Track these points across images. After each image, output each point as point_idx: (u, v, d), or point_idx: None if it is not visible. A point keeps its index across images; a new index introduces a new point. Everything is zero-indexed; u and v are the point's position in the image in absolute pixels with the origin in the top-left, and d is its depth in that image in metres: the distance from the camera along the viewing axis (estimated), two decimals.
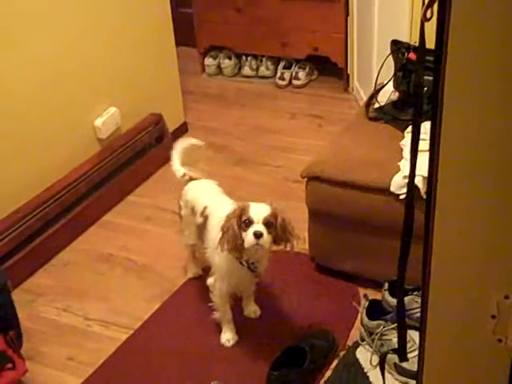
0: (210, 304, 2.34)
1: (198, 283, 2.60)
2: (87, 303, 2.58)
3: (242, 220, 2.02)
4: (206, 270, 2.48)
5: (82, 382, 2.23)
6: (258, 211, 2.03)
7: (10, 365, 2.14)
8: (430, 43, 1.07)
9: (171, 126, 3.66)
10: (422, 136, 1.25)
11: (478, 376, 1.18)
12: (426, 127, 1.14)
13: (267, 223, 2.02)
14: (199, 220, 2.31)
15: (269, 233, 2.02)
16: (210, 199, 2.33)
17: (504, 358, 1.11)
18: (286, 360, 2.12)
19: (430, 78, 1.06)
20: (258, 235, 1.99)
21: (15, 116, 2.69)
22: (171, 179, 2.64)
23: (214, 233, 2.18)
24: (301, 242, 2.41)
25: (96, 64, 3.09)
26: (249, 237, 2.00)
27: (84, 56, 3.01)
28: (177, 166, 2.51)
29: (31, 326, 2.46)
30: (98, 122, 3.13)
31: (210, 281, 2.34)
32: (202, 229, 2.29)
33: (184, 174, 2.47)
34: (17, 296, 2.49)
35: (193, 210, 2.37)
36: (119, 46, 3.23)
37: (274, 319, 2.42)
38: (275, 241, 2.07)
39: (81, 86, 3.01)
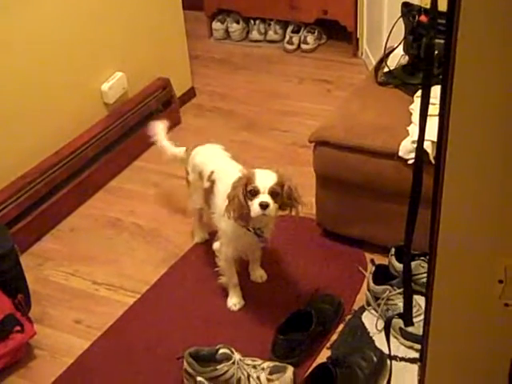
0: (217, 269, 2.35)
1: (205, 248, 2.60)
2: (95, 267, 2.60)
3: (248, 189, 2.02)
4: (213, 235, 2.49)
5: (90, 344, 2.25)
6: (264, 180, 2.02)
7: (18, 328, 2.17)
8: (442, 5, 1.05)
9: (178, 90, 3.63)
10: (431, 100, 1.22)
11: (484, 340, 1.18)
12: (435, 91, 1.12)
13: (273, 192, 2.02)
14: (206, 184, 2.30)
15: (275, 202, 2.02)
16: (217, 164, 2.32)
17: (510, 322, 1.11)
18: (293, 324, 2.13)
19: (441, 41, 1.04)
20: (264, 206, 1.99)
21: (21, 82, 2.67)
22: (179, 145, 2.64)
23: (220, 198, 2.18)
24: (308, 208, 2.41)
25: (102, 28, 3.06)
26: (255, 207, 2.00)
27: (89, 20, 2.98)
28: (173, 148, 2.55)
29: (39, 290, 2.48)
30: (105, 87, 3.11)
31: (216, 245, 2.36)
32: (208, 193, 2.29)
33: (186, 149, 2.47)
34: (25, 260, 2.51)
35: (200, 175, 2.36)
36: (125, 10, 3.19)
37: (281, 284, 2.43)
38: (281, 207, 2.07)
39: (87, 51, 2.99)
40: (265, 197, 2.00)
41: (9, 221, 2.61)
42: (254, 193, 2.01)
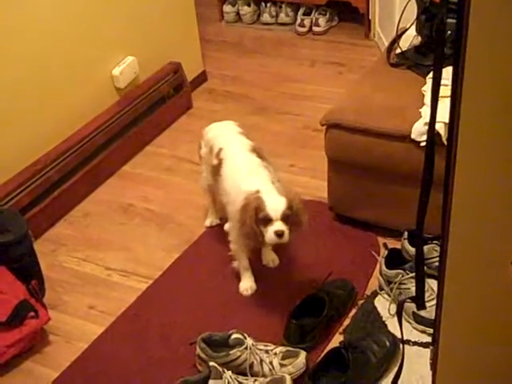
0: (230, 253, 2.34)
1: (217, 233, 2.60)
2: (107, 253, 2.60)
3: (260, 217, 2.00)
4: (224, 220, 2.49)
5: (104, 330, 2.26)
6: (275, 206, 2.00)
7: (32, 313, 2.18)
8: None
9: (190, 74, 3.62)
10: (443, 81, 1.20)
11: (497, 322, 1.17)
12: (448, 72, 1.10)
13: (284, 217, 2.00)
14: (214, 161, 2.31)
15: (287, 225, 2.00)
16: (227, 142, 2.33)
17: None
18: (305, 309, 2.13)
19: (454, 20, 1.02)
20: (280, 235, 1.99)
21: (32, 67, 2.67)
22: (190, 129, 2.63)
23: (226, 184, 2.20)
24: (319, 193, 2.40)
25: (113, 12, 3.05)
26: (269, 235, 2.00)
27: (100, 4, 2.96)
28: None
29: (53, 276, 2.49)
30: (116, 71, 3.10)
31: (226, 226, 2.40)
32: (216, 172, 2.30)
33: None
34: (38, 246, 2.53)
35: (211, 150, 2.37)
36: None
37: (293, 268, 2.43)
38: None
39: (97, 35, 2.98)
40: (279, 225, 1.99)
41: (22, 207, 2.62)
42: (267, 221, 2.00)
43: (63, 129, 2.86)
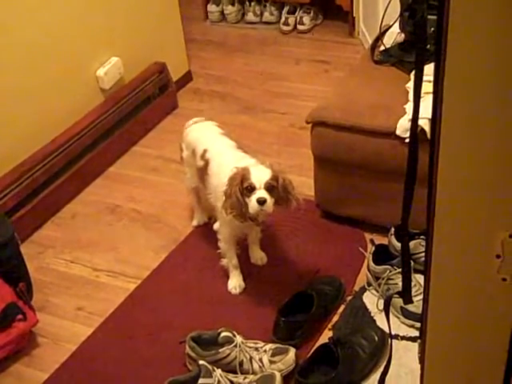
0: (218, 251, 2.35)
1: (205, 231, 2.60)
2: (95, 254, 2.60)
3: (244, 186, 2.03)
4: (212, 219, 2.50)
5: (93, 331, 2.26)
6: (260, 176, 2.03)
7: (20, 316, 2.17)
8: None
9: (175, 74, 3.62)
10: (427, 78, 1.21)
11: (483, 315, 1.18)
12: (431, 69, 1.11)
13: (269, 187, 2.03)
14: (200, 163, 2.31)
15: (271, 196, 2.03)
16: (211, 142, 2.33)
17: (509, 297, 1.10)
18: (294, 306, 2.14)
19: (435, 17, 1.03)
20: (261, 202, 2.01)
21: (16, 69, 2.66)
22: (177, 129, 2.62)
23: (215, 179, 2.20)
24: (306, 190, 2.41)
25: (96, 13, 3.04)
26: (252, 203, 2.02)
27: (84, 4, 2.95)
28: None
29: (41, 278, 2.48)
30: (101, 72, 3.09)
31: (216, 226, 2.42)
32: (203, 173, 2.30)
33: None
34: (25, 248, 2.51)
35: (193, 152, 2.37)
36: None
37: (281, 266, 2.43)
38: (276, 201, 2.07)
39: (81, 36, 2.97)
40: (262, 192, 2.01)
41: (8, 209, 2.61)
42: (251, 189, 2.02)
43: (49, 130, 2.84)
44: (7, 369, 2.16)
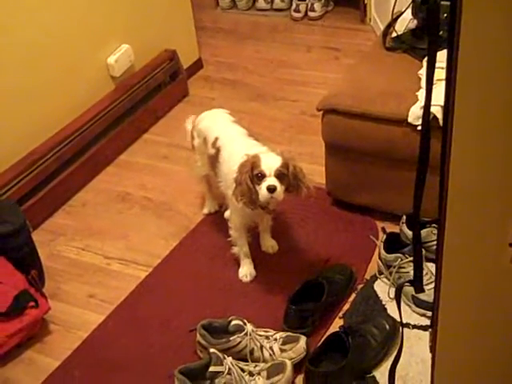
0: (229, 239, 2.35)
1: (216, 219, 2.60)
2: (106, 242, 2.60)
3: (254, 173, 2.02)
4: (224, 206, 2.50)
5: (104, 319, 2.27)
6: (270, 163, 2.02)
7: (32, 303, 2.19)
8: None
9: (186, 62, 3.61)
10: (439, 64, 1.20)
11: (495, 304, 1.17)
12: (444, 55, 1.09)
13: (279, 175, 2.02)
14: (211, 151, 2.30)
15: (281, 184, 2.02)
16: (222, 130, 2.32)
17: None
18: (305, 294, 2.13)
19: (448, 2, 1.01)
20: (271, 190, 2.00)
21: (27, 58, 2.66)
22: (187, 117, 2.62)
23: (226, 167, 2.19)
24: (317, 178, 2.40)
25: (107, 0, 3.02)
26: (262, 191, 2.01)
27: None
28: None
29: (52, 266, 2.49)
30: (111, 60, 3.08)
31: (227, 214, 2.41)
32: (214, 161, 2.29)
33: None
34: (37, 236, 2.53)
35: (205, 140, 2.36)
36: None
37: (292, 254, 2.43)
38: (287, 188, 2.07)
39: (92, 23, 2.96)
40: (272, 180, 2.00)
41: (20, 197, 2.62)
42: (261, 176, 2.01)
43: (59, 118, 2.85)
44: (19, 355, 2.17)
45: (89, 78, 3.00)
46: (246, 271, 2.34)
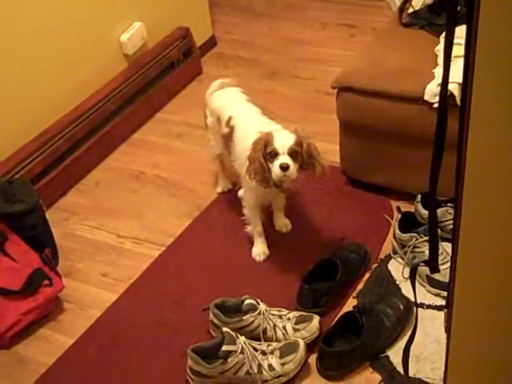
0: (243, 218, 2.34)
1: (229, 198, 2.59)
2: (119, 221, 2.60)
3: (268, 151, 2.00)
4: (236, 185, 2.48)
5: (118, 297, 2.27)
6: (283, 141, 2.00)
7: (46, 281, 2.20)
8: None
9: (199, 39, 3.58)
10: (457, 40, 1.17)
11: (511, 284, 1.15)
12: (461, 31, 1.06)
13: (292, 153, 2.00)
14: (225, 130, 2.28)
15: (295, 162, 2.00)
16: (236, 109, 2.30)
17: None
18: (318, 274, 2.12)
19: None
20: (284, 168, 1.98)
21: (40, 36, 2.64)
22: (201, 95, 2.60)
23: (240, 146, 2.18)
24: (331, 157, 2.38)
25: None
26: (275, 169, 1.99)
27: None
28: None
29: (66, 244, 2.50)
30: (124, 38, 3.06)
31: (240, 192, 2.41)
32: (227, 140, 2.28)
33: None
34: (50, 215, 2.53)
35: (218, 119, 2.34)
36: None
37: (306, 233, 2.41)
38: (301, 166, 2.05)
39: (104, 1, 2.94)
40: (285, 158, 1.98)
41: (33, 176, 2.62)
42: (274, 154, 2.00)
43: (72, 97, 2.84)
44: (34, 333, 2.19)
45: (101, 57, 2.98)
46: (259, 250, 2.33)
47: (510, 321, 1.21)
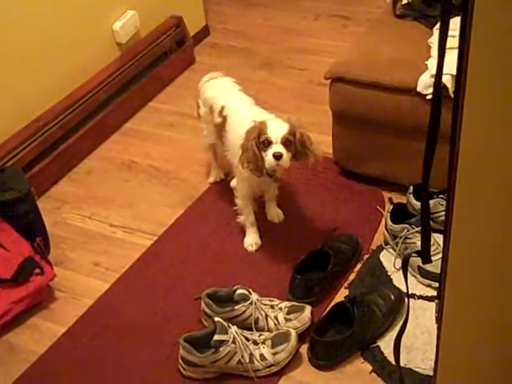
0: (235, 208, 2.34)
1: (222, 188, 2.59)
2: (111, 210, 2.60)
3: (261, 140, 2.01)
4: (229, 175, 2.48)
5: (109, 286, 2.27)
6: (277, 130, 2.01)
7: (37, 270, 2.19)
8: None
9: (192, 29, 3.56)
10: (451, 32, 1.17)
11: (504, 276, 1.16)
12: (456, 23, 1.06)
13: (286, 142, 2.00)
14: (218, 120, 2.28)
15: (288, 151, 2.01)
16: (228, 98, 2.30)
17: None
18: (310, 264, 2.13)
19: None
20: (277, 157, 1.99)
21: (32, 24, 2.62)
22: (194, 84, 2.59)
23: (233, 135, 2.18)
24: (324, 148, 2.38)
25: None
26: (269, 158, 2.00)
27: None
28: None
29: (57, 233, 2.49)
30: (117, 26, 3.05)
31: (233, 183, 2.41)
32: (220, 129, 2.27)
33: None
34: (42, 203, 2.53)
35: (211, 109, 2.34)
36: None
37: (298, 223, 2.42)
38: (295, 156, 2.05)
39: None
40: (278, 147, 1.99)
41: (25, 165, 2.61)
42: (267, 143, 2.00)
43: (65, 85, 2.82)
44: (25, 322, 2.18)
45: (94, 45, 2.97)
46: (251, 240, 2.33)
47: (500, 311, 1.22)
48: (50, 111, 2.75)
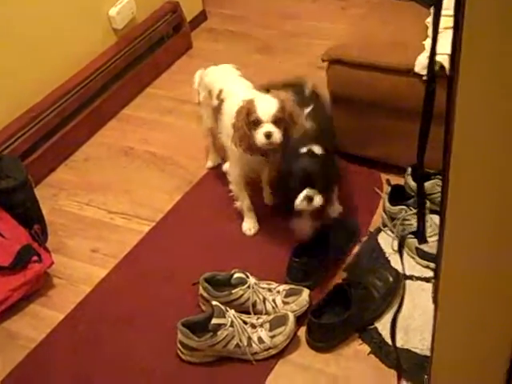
0: (231, 194, 2.33)
1: (219, 174, 2.57)
2: (109, 197, 2.59)
3: (251, 120, 2.00)
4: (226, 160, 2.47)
5: (107, 273, 2.27)
6: (266, 109, 2.01)
7: (35, 257, 2.19)
8: None
9: (189, 14, 3.54)
10: (447, 12, 1.16)
11: (500, 257, 1.15)
12: (451, 2, 1.05)
13: (276, 120, 2.00)
14: (215, 103, 2.28)
15: (278, 128, 2.01)
16: (227, 82, 2.29)
17: None
18: (308, 247, 2.12)
19: None
20: (268, 136, 1.99)
21: (26, 11, 2.60)
22: (191, 70, 2.58)
23: (227, 117, 2.17)
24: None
25: None
26: (259, 137, 2.00)
27: None
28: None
29: (55, 220, 2.49)
30: (113, 12, 3.03)
31: (225, 166, 2.41)
32: (217, 112, 2.27)
33: None
34: (39, 191, 2.52)
35: (210, 93, 2.33)
36: None
37: None
38: (285, 130, 2.05)
39: None
40: (268, 126, 1.99)
41: (22, 152, 2.60)
42: (257, 122, 2.00)
43: (61, 72, 2.81)
44: (24, 309, 2.18)
45: (90, 31, 2.95)
46: (249, 225, 2.32)
47: (496, 291, 1.22)
48: (46, 99, 2.73)
